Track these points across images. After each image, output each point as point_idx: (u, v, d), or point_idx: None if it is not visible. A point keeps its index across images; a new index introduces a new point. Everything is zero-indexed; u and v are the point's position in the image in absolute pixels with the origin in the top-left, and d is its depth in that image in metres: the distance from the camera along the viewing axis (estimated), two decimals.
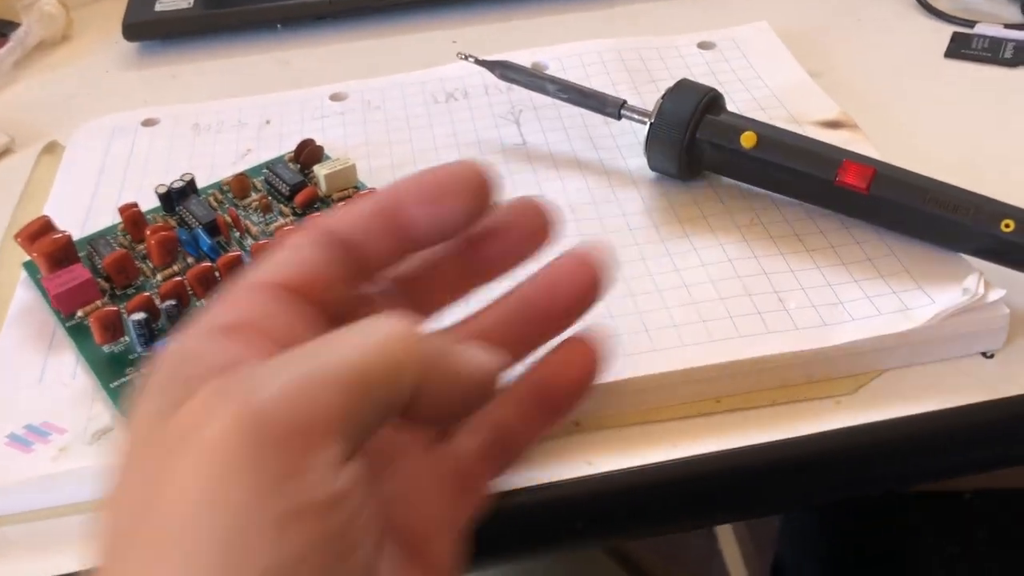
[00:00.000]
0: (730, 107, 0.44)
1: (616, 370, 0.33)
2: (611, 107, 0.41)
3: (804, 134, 0.40)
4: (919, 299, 0.34)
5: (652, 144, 0.40)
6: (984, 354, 0.34)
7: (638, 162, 0.42)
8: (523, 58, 0.49)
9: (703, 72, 0.48)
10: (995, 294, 0.33)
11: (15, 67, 0.54)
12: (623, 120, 0.42)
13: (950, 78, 0.49)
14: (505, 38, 0.53)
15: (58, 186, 0.44)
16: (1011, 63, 0.49)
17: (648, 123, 0.40)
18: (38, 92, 0.53)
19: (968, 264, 0.35)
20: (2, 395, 0.34)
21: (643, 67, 0.48)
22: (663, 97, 0.40)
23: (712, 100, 0.39)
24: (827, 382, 0.34)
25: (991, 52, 0.49)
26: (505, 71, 0.44)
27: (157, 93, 0.52)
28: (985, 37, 0.50)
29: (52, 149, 0.48)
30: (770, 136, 0.38)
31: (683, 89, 0.40)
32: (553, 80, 0.43)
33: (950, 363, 0.34)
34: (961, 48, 0.50)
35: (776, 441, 0.32)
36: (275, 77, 0.53)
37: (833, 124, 0.43)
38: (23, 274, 0.39)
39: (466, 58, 0.44)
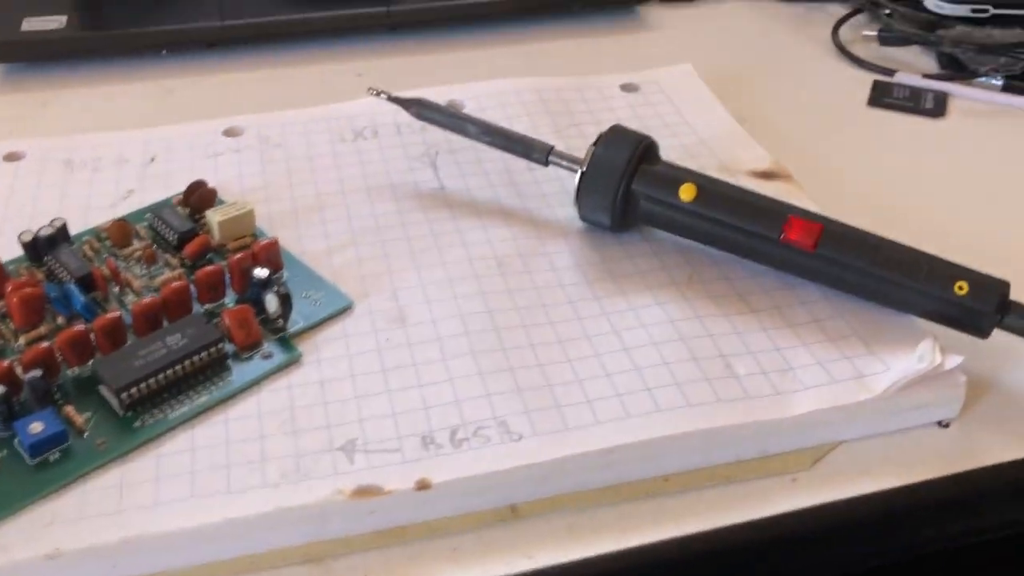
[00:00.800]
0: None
1: (555, 446, 0.29)
2: (538, 153, 0.38)
3: (740, 185, 0.38)
4: (873, 366, 0.32)
5: (584, 194, 0.37)
6: (940, 423, 0.32)
7: (566, 212, 0.39)
8: (438, 95, 0.45)
9: (627, 116, 0.45)
10: (952, 361, 0.31)
11: None
12: (551, 167, 0.39)
13: (874, 126, 0.48)
14: (416, 73, 0.50)
15: None
16: (933, 113, 0.48)
17: (579, 171, 0.37)
18: None
19: (920, 327, 0.33)
20: None
21: (565, 109, 0.45)
22: (595, 144, 0.37)
23: (647, 148, 0.37)
24: (782, 457, 0.31)
25: (912, 102, 0.49)
26: (422, 110, 0.40)
27: (23, 123, 0.46)
28: (905, 87, 0.50)
29: None
30: (710, 189, 0.36)
31: (616, 136, 0.37)
32: (474, 122, 0.39)
33: (906, 433, 0.32)
34: (883, 97, 0.49)
35: (732, 526, 0.29)
36: (160, 108, 0.48)
37: (767, 175, 0.41)
38: None
39: (378, 94, 0.40)
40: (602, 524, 0.29)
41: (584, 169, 0.37)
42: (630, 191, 0.36)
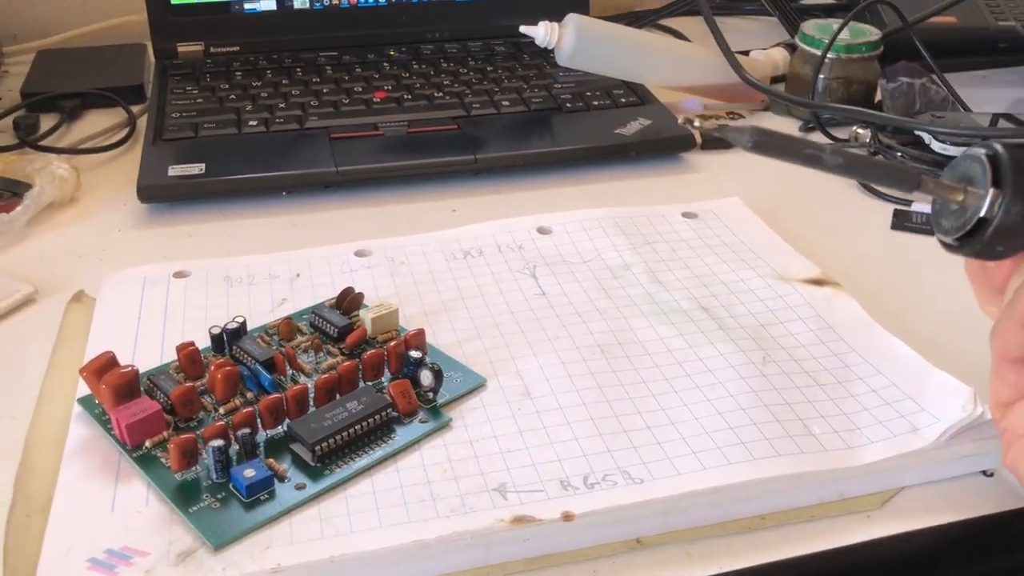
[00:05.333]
0: (719, 266, 0.50)
1: (672, 487, 0.36)
2: (910, 179, 0.33)
3: (792, 290, 0.46)
4: (925, 419, 0.39)
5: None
6: (985, 472, 0.39)
7: (651, 308, 0.46)
8: (527, 224, 0.54)
9: (691, 236, 0.53)
10: (990, 411, 0.38)
11: (28, 225, 0.56)
12: None
13: (899, 246, 0.56)
14: (503, 207, 0.58)
15: (96, 331, 0.45)
16: None
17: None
18: (54, 248, 0.55)
19: (962, 385, 0.40)
20: (74, 525, 0.34)
21: (637, 232, 0.54)
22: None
23: None
24: (857, 499, 0.37)
25: (930, 225, 0.57)
26: (758, 139, 0.32)
27: (174, 251, 0.54)
28: (922, 213, 0.58)
29: (80, 298, 0.49)
30: None
31: None
32: (829, 149, 0.32)
33: (958, 481, 0.38)
34: (904, 222, 0.57)
35: (820, 552, 0.35)
36: (286, 239, 0.56)
37: (817, 282, 0.49)
38: (77, 409, 0.40)
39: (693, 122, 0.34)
40: (714, 552, 0.35)
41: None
42: None
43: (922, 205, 0.59)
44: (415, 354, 0.40)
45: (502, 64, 0.75)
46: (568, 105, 0.69)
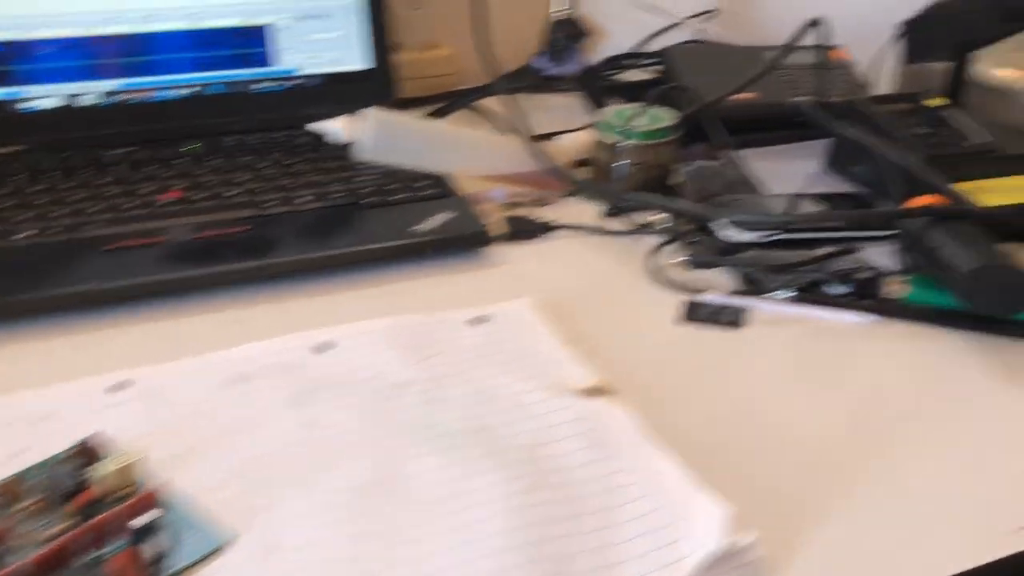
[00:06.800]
0: (499, 378, 0.49)
1: None
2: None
3: (567, 403, 0.45)
4: (685, 548, 0.38)
5: None
6: None
7: (422, 434, 0.45)
8: (305, 342, 0.52)
9: (474, 345, 0.52)
10: (745, 539, 0.38)
11: None
12: None
13: (687, 339, 0.55)
14: (283, 319, 0.56)
15: None
16: (735, 325, 0.56)
17: None
18: None
19: (721, 509, 0.39)
20: None
21: (420, 343, 0.52)
22: None
23: None
24: None
25: (717, 316, 0.57)
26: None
27: None
28: (709, 305, 0.58)
29: None
30: None
31: None
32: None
33: None
34: (693, 312, 0.57)
35: None
36: (40, 372, 0.50)
37: (594, 391, 0.48)
38: None
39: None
40: None
41: None
42: None
43: (711, 296, 0.59)
44: (137, 523, 0.37)
45: (304, 156, 0.73)
46: (366, 200, 0.67)
